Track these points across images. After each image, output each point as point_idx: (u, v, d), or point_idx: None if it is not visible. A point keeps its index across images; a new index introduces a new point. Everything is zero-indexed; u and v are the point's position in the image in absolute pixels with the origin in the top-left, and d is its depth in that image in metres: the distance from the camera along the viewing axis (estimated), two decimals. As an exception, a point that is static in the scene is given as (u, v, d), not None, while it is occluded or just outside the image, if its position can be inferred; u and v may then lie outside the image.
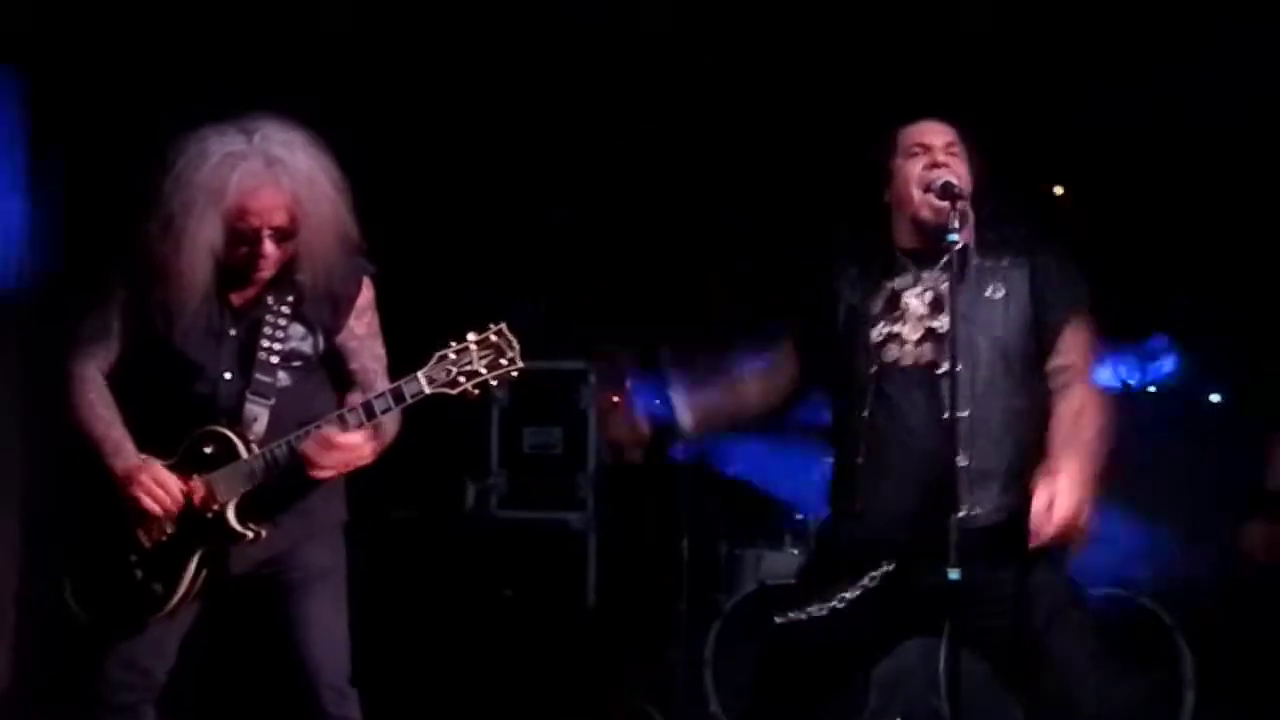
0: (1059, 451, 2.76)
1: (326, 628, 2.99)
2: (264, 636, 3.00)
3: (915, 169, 2.92)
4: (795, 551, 4.67)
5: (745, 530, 4.86)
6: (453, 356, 2.82)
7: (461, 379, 2.80)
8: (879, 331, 2.92)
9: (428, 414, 2.89)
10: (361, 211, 2.95)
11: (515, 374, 2.83)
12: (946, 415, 2.76)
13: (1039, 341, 2.88)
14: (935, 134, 2.96)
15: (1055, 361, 2.89)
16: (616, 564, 5.47)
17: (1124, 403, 4.17)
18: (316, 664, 2.96)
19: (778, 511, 4.84)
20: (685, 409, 3.15)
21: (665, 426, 3.21)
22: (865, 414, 2.90)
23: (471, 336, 2.82)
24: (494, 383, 2.82)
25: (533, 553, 5.51)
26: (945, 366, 2.80)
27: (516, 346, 2.83)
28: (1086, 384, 2.89)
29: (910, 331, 2.91)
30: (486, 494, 5.61)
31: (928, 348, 2.88)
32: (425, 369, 2.83)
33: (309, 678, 2.95)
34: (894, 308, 2.93)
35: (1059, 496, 2.68)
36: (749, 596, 4.54)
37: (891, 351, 2.91)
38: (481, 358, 2.81)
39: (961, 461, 2.75)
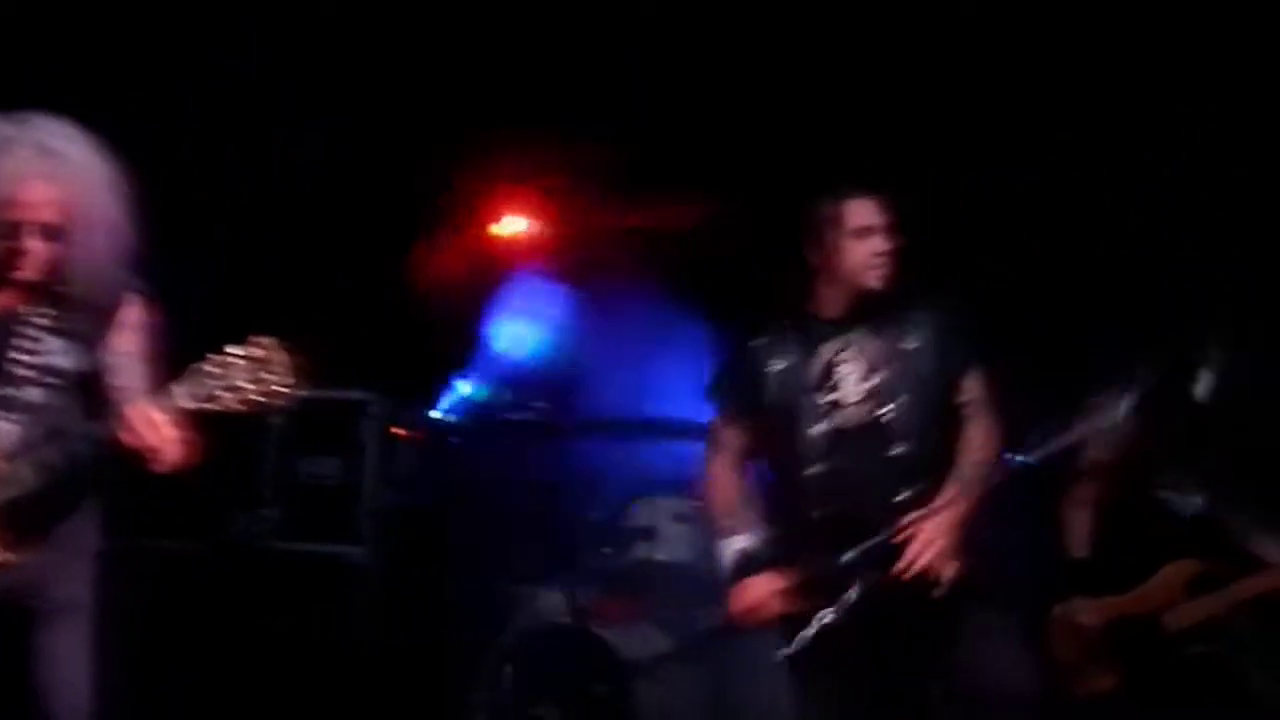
0: (954, 477, 3.15)
1: (69, 664, 2.80)
2: (5, 667, 2.78)
3: (863, 250, 3.19)
4: (571, 591, 4.68)
5: (523, 566, 4.85)
6: (211, 370, 2.65)
7: (223, 394, 2.64)
8: (820, 400, 3.18)
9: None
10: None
11: (285, 390, 2.66)
12: (893, 453, 3.13)
13: (948, 384, 3.23)
14: (875, 214, 3.23)
15: (960, 398, 3.25)
16: (394, 600, 5.32)
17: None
18: (54, 702, 2.77)
19: (557, 548, 4.84)
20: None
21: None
22: (814, 471, 3.17)
23: (232, 350, 2.66)
24: (261, 399, 2.65)
25: (306, 587, 5.28)
26: (882, 412, 3.15)
27: (287, 362, 2.67)
28: (986, 416, 3.24)
29: (850, 396, 3.19)
30: (257, 524, 5.37)
31: (868, 406, 3.18)
32: (180, 383, 2.66)
33: (45, 715, 2.76)
34: (830, 376, 3.20)
35: (926, 539, 3.05)
36: (533, 634, 4.54)
37: (836, 418, 3.18)
38: (245, 373, 2.64)
39: (905, 494, 3.11)
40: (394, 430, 5.36)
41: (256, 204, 5.29)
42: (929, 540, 3.05)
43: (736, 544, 3.25)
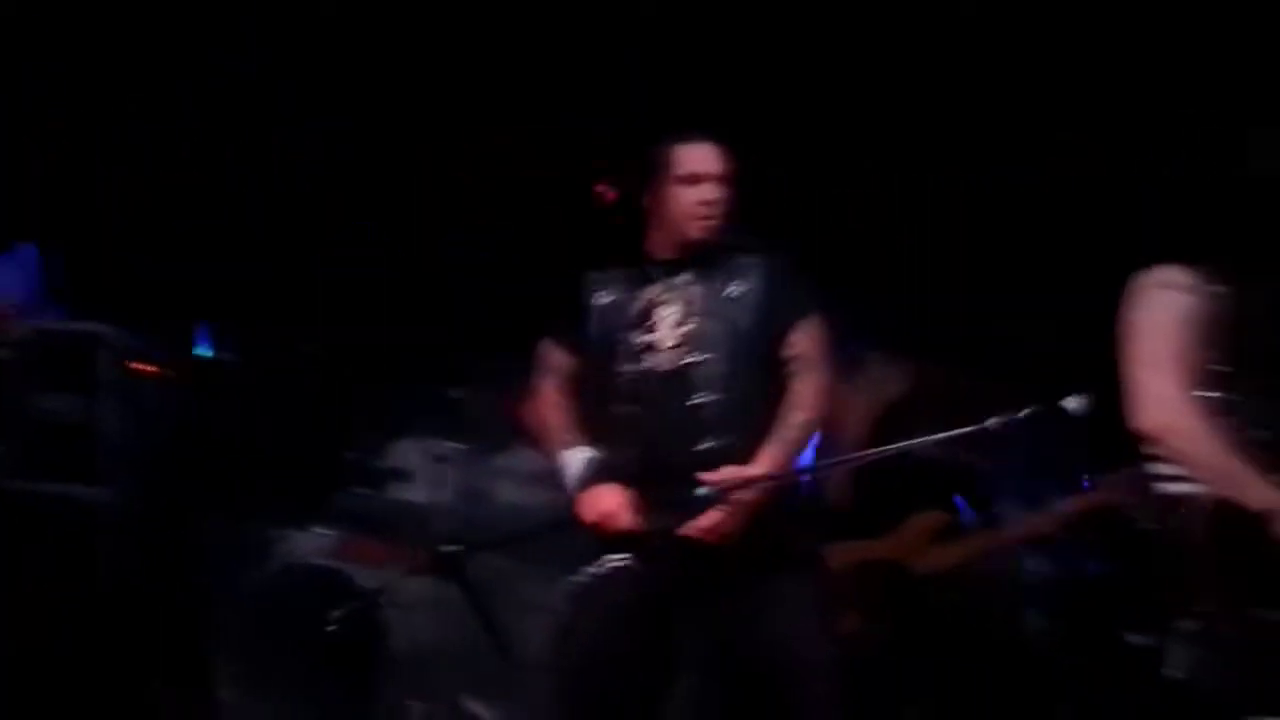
0: (773, 435, 3.07)
1: None
2: None
3: (690, 198, 3.12)
4: (323, 531, 4.54)
5: (273, 508, 4.66)
6: None
7: None
8: (636, 340, 3.13)
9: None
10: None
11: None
12: (697, 400, 3.05)
13: (774, 335, 3.14)
14: (708, 162, 3.15)
15: (788, 352, 3.15)
16: (136, 542, 4.90)
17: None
18: None
19: (309, 489, 4.71)
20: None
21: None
22: (623, 411, 3.12)
23: None
24: None
25: (43, 527, 4.79)
26: (690, 360, 3.08)
27: None
28: (815, 373, 3.16)
29: (665, 339, 3.12)
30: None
31: (680, 350, 3.11)
32: None
33: None
34: (648, 317, 3.14)
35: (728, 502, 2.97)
36: (283, 576, 4.41)
37: (648, 359, 3.12)
38: None
39: (707, 445, 3.03)
40: (136, 366, 4.93)
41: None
42: (731, 502, 2.98)
43: (582, 452, 3.15)
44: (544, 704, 3.55)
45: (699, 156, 3.15)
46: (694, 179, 3.13)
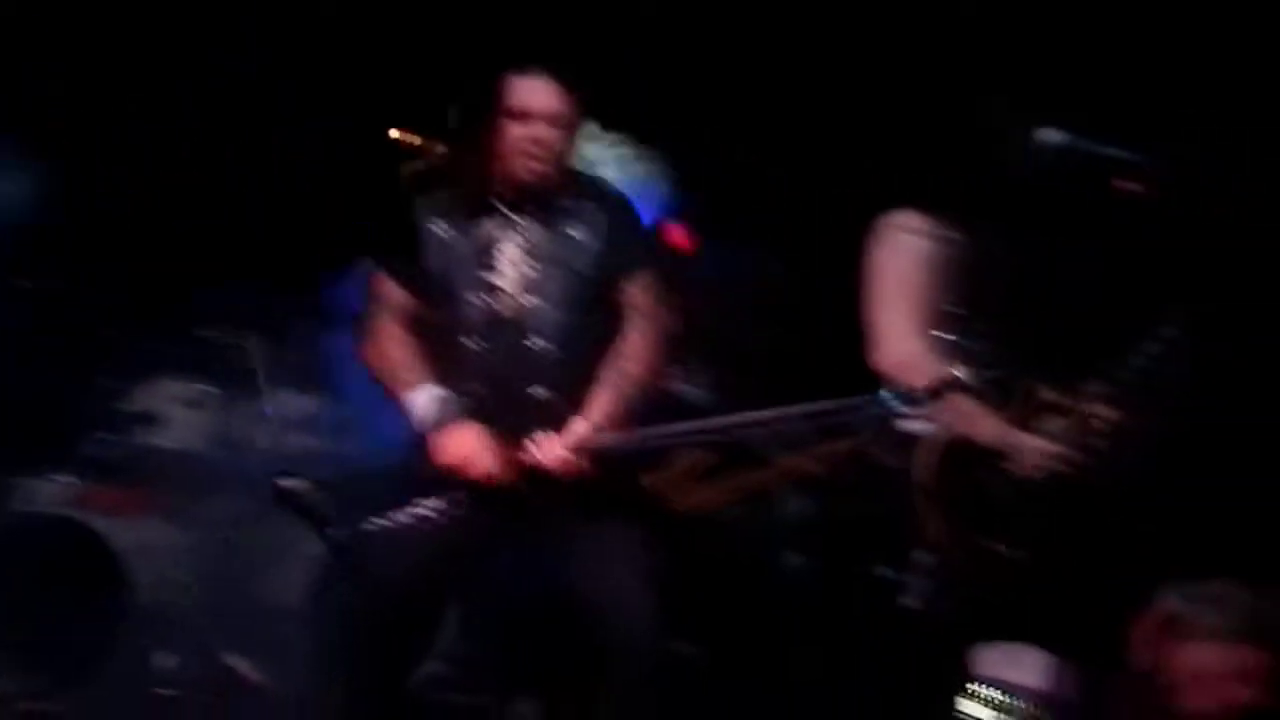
0: (599, 387, 3.00)
1: None
2: None
3: (518, 134, 2.98)
4: (63, 479, 4.36)
5: (10, 454, 4.42)
6: None
7: None
8: (478, 275, 3.01)
9: None
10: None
11: None
12: (531, 345, 2.96)
13: (611, 283, 3.05)
14: (542, 99, 3.00)
15: (623, 299, 3.07)
16: None
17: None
18: None
19: (49, 434, 4.49)
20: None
21: None
22: (467, 344, 2.99)
23: None
24: None
25: None
26: (530, 304, 2.98)
27: None
28: (649, 325, 3.08)
29: (505, 280, 3.01)
30: None
31: (517, 294, 3.00)
32: None
33: None
34: (489, 254, 3.02)
35: (554, 449, 2.92)
36: (16, 526, 4.19)
37: (489, 299, 3.00)
38: None
39: (542, 393, 2.96)
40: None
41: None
42: (558, 452, 2.92)
43: (430, 392, 2.98)
44: (305, 655, 3.48)
45: (532, 91, 2.99)
46: (523, 114, 2.98)
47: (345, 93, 4.88)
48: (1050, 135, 2.87)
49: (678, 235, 4.92)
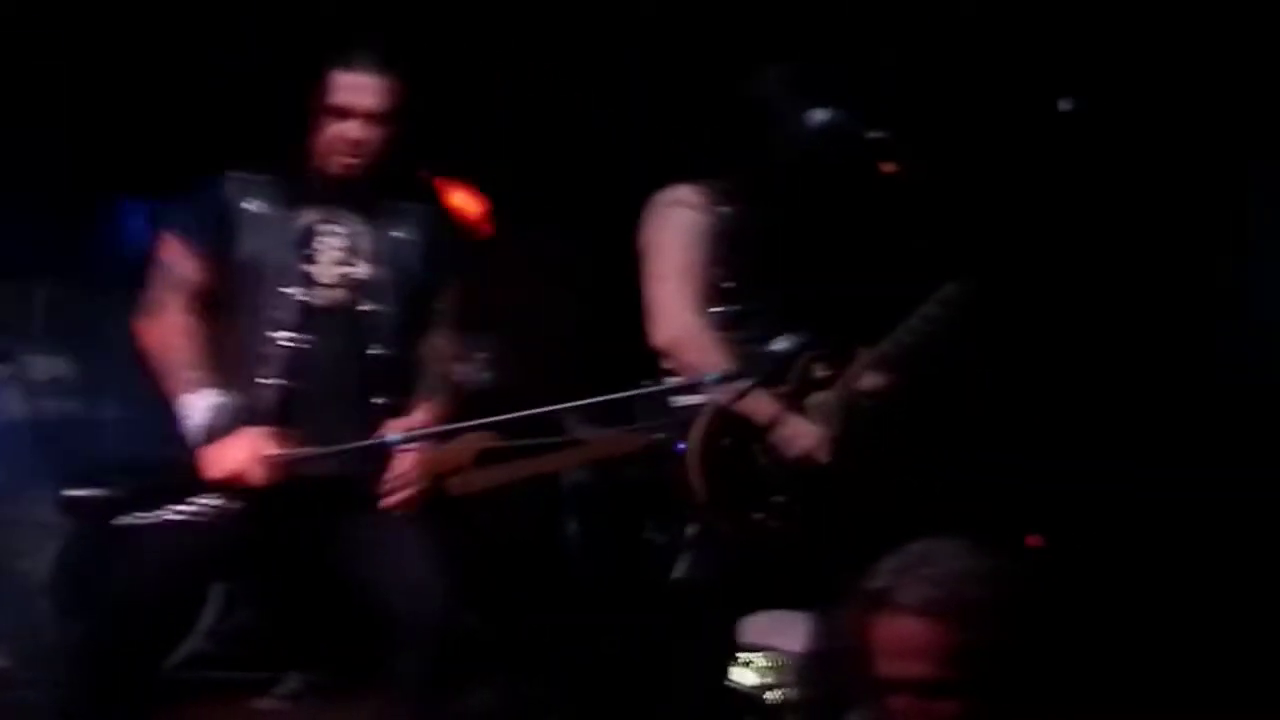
0: (420, 394, 2.94)
1: None
2: None
3: (334, 132, 2.85)
4: None
5: None
6: None
7: None
8: (295, 264, 2.85)
9: None
10: None
11: None
12: (370, 351, 2.85)
13: (431, 289, 2.99)
14: (363, 95, 2.86)
15: (437, 305, 3.01)
16: None
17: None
18: None
19: None
20: None
21: None
22: (279, 337, 2.82)
23: None
24: None
25: None
26: (364, 305, 2.86)
27: None
28: (451, 330, 3.04)
29: (327, 274, 2.87)
30: None
31: (344, 291, 2.87)
32: None
33: None
34: (309, 243, 2.87)
35: (405, 468, 2.86)
36: None
37: (307, 291, 2.85)
38: None
39: (379, 399, 2.86)
40: None
41: None
42: (404, 469, 2.87)
43: (208, 397, 2.81)
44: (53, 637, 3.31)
45: (353, 87, 2.85)
46: (342, 112, 2.85)
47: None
48: (818, 114, 2.93)
49: (475, 214, 4.92)
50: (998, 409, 4.61)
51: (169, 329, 2.85)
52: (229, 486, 2.78)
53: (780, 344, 2.81)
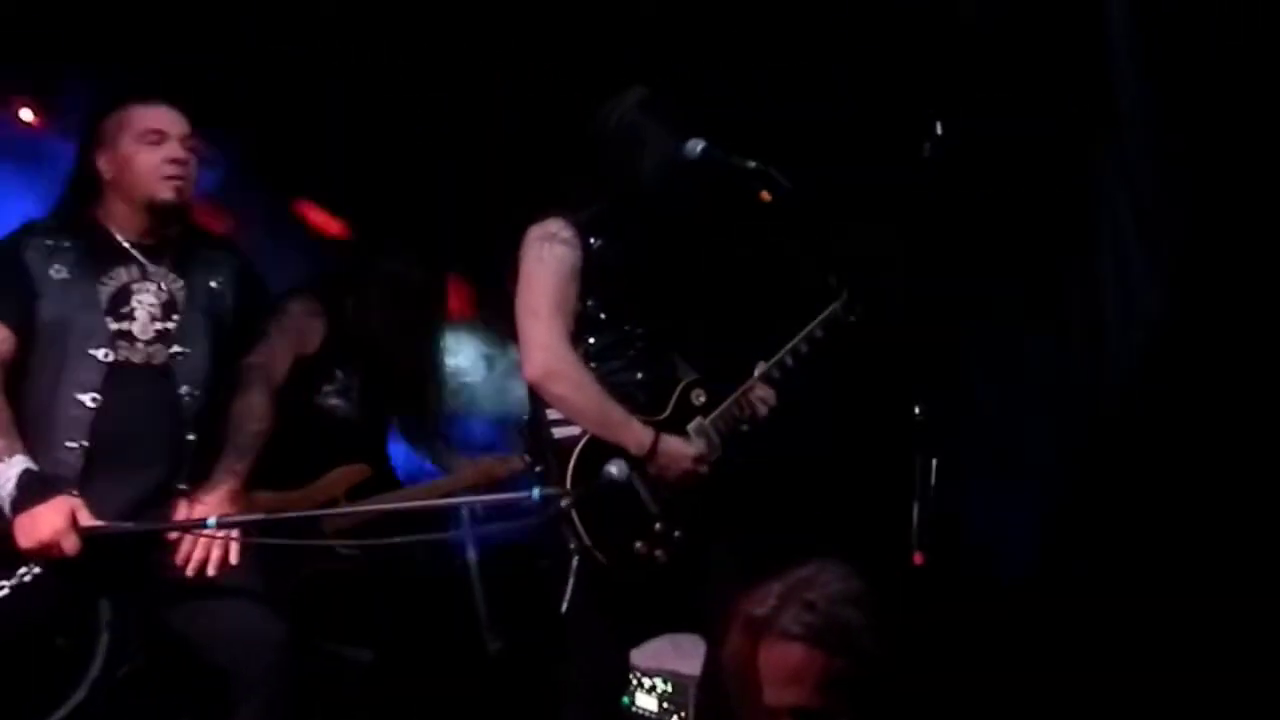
0: (228, 456, 2.99)
1: None
2: None
3: (155, 158, 2.96)
4: None
5: None
6: None
7: None
8: (108, 325, 2.92)
9: None
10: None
11: None
12: (180, 392, 2.94)
13: (242, 338, 3.09)
14: (173, 123, 3.01)
15: (248, 359, 3.10)
16: None
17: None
18: None
19: None
20: None
21: None
22: (86, 399, 2.88)
23: None
24: None
25: None
26: (176, 349, 2.96)
27: None
28: (268, 384, 3.15)
29: (142, 331, 2.95)
30: None
31: (159, 347, 2.96)
32: None
33: None
34: (124, 304, 2.94)
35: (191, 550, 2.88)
36: None
37: (123, 351, 2.92)
38: None
39: (190, 436, 2.94)
40: None
41: None
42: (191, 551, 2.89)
43: (18, 464, 2.81)
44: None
45: (159, 115, 3.00)
46: (158, 136, 2.97)
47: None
48: (692, 146, 2.95)
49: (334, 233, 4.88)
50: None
51: None
52: (42, 556, 2.79)
53: (611, 469, 2.78)
